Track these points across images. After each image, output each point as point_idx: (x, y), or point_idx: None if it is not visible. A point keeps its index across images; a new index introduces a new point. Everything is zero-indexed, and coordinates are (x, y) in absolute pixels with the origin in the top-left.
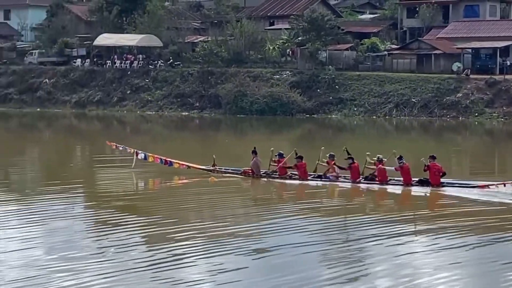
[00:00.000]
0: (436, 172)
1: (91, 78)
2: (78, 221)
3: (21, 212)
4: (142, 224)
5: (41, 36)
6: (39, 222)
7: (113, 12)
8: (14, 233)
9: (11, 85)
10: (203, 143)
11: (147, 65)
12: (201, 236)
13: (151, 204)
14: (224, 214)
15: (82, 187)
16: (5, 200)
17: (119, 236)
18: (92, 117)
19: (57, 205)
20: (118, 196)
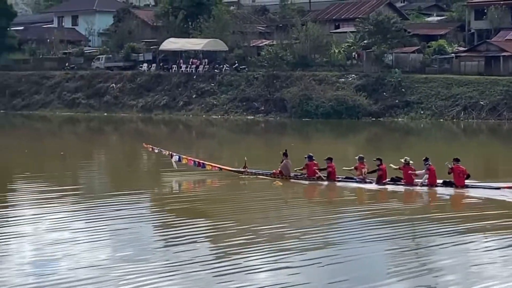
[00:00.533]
0: (460, 173)
1: (157, 82)
2: (144, 224)
3: (88, 215)
4: (207, 227)
5: (108, 41)
6: (105, 224)
7: (179, 17)
8: (81, 235)
9: (78, 90)
10: (268, 147)
11: (212, 69)
12: (267, 238)
13: (216, 207)
14: (286, 216)
15: (148, 190)
16: (73, 202)
17: (183, 239)
18: (158, 121)
19: (124, 208)
20: (184, 199)
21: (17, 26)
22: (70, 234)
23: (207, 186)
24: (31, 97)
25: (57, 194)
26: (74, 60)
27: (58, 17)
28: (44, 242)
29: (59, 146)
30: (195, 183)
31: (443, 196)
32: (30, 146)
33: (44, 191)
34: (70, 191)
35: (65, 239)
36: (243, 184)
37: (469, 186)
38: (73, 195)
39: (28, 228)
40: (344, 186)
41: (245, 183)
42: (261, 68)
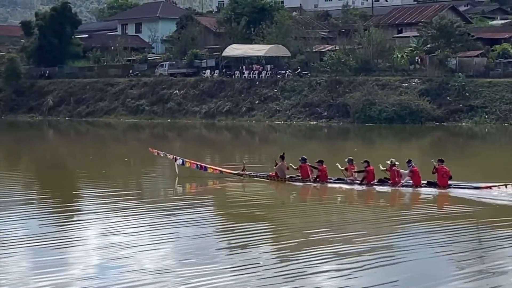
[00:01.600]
0: (444, 174)
1: (220, 88)
2: (207, 229)
3: (151, 219)
4: (265, 231)
5: (171, 48)
6: (170, 229)
7: (241, 23)
8: (144, 239)
9: (142, 97)
10: (331, 152)
11: (275, 75)
12: (331, 244)
13: (270, 212)
14: (337, 220)
15: (211, 195)
16: (137, 207)
17: (244, 243)
18: (221, 127)
19: (187, 213)
20: (249, 204)
21: (82, 34)
22: (133, 238)
23: (259, 192)
24: (96, 104)
25: (121, 199)
26: (137, 67)
27: (122, 25)
28: (107, 246)
29: (124, 152)
30: (254, 189)
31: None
32: (95, 152)
33: (108, 196)
34: (134, 196)
35: (128, 243)
36: (292, 190)
37: (452, 187)
38: (137, 200)
39: (91, 233)
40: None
41: (294, 189)
42: (323, 73)
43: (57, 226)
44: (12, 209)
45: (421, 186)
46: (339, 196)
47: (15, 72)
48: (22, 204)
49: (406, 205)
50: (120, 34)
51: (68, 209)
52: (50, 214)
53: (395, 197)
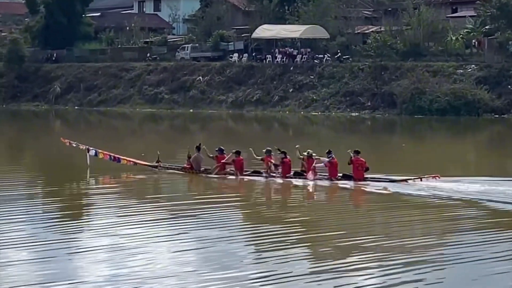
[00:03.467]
0: (359, 166)
1: (249, 75)
2: (233, 231)
3: (172, 221)
4: (295, 233)
5: (194, 28)
6: (194, 231)
7: (273, 1)
8: (166, 242)
9: (161, 84)
10: (375, 147)
11: (311, 59)
12: (372, 248)
13: (300, 213)
14: (367, 221)
15: (237, 194)
16: (156, 208)
17: (273, 246)
18: (250, 118)
19: (212, 213)
20: (280, 205)
21: (93, 12)
22: (155, 242)
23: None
24: (109, 91)
25: (137, 200)
26: (156, 50)
27: (138, 2)
28: (127, 250)
29: (140, 147)
30: (281, 190)
31: None
32: (107, 146)
33: (124, 196)
34: (152, 196)
35: (150, 247)
36: (324, 190)
37: (369, 179)
38: (155, 200)
39: (107, 240)
40: (253, 180)
41: (326, 189)
42: (367, 58)
43: (78, 233)
44: (15, 206)
45: (337, 179)
46: None
47: (18, 55)
48: (23, 202)
49: None
50: (137, 12)
51: (79, 211)
52: (58, 212)
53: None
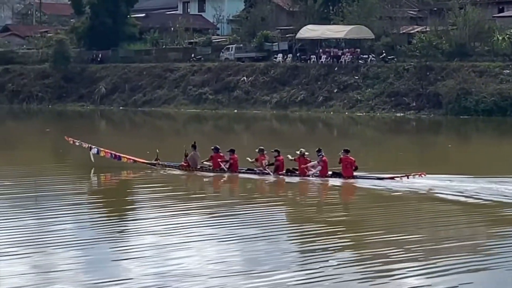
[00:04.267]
0: (348, 165)
1: (294, 75)
2: (274, 230)
3: (219, 221)
4: (345, 236)
5: (239, 29)
6: (236, 231)
7: (318, 1)
8: (212, 243)
9: (205, 84)
10: (421, 148)
11: (356, 60)
12: (422, 252)
13: (355, 215)
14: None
15: (280, 194)
16: (202, 208)
17: (322, 248)
18: (295, 119)
19: (253, 213)
20: (324, 205)
21: (138, 13)
22: (200, 242)
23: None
24: (153, 92)
25: (183, 200)
26: (200, 50)
27: (183, 3)
28: (173, 251)
29: (184, 147)
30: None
31: None
32: (152, 147)
33: (169, 196)
34: (198, 196)
35: (195, 248)
36: (378, 191)
37: (357, 177)
38: (201, 200)
39: (154, 239)
40: (248, 178)
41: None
42: (412, 58)
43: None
44: (59, 205)
45: (327, 176)
46: None
47: (64, 56)
48: (67, 201)
49: None
50: (181, 13)
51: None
52: (100, 210)
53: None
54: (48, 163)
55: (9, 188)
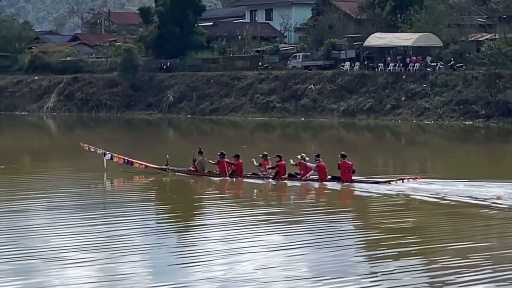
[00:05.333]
0: (346, 169)
1: (361, 83)
2: (338, 237)
3: (285, 228)
4: (411, 243)
5: (306, 37)
6: (302, 239)
7: (386, 9)
8: (274, 248)
9: (273, 92)
10: (489, 157)
11: (424, 67)
12: (488, 260)
13: (409, 222)
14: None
15: (346, 205)
16: (268, 214)
17: (386, 256)
18: (362, 127)
19: (322, 222)
20: (391, 214)
21: (206, 22)
22: (263, 248)
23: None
24: (221, 100)
25: (249, 207)
26: (268, 58)
27: (250, 11)
28: (237, 257)
29: (251, 155)
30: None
31: None
32: (216, 154)
33: (234, 203)
34: (262, 203)
35: (258, 254)
36: (437, 198)
37: (355, 181)
38: (267, 206)
39: (217, 244)
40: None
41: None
42: (481, 66)
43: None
44: (126, 213)
45: (326, 180)
46: None
47: (132, 65)
48: (136, 208)
49: None
50: (249, 21)
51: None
52: (167, 216)
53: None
54: (115, 170)
55: (77, 194)
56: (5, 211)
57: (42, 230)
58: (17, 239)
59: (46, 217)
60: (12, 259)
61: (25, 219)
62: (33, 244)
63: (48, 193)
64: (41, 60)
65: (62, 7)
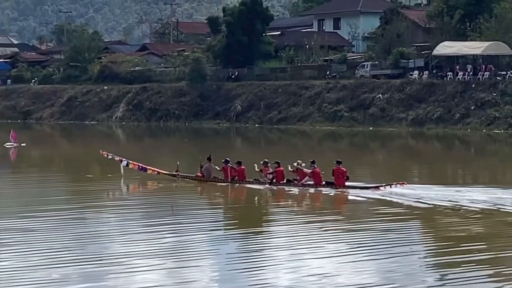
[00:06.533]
0: (340, 175)
1: (430, 92)
2: (407, 245)
3: (352, 235)
4: (481, 255)
5: (374, 46)
6: (363, 246)
7: (455, 17)
8: (342, 256)
9: (341, 101)
10: None
11: (494, 76)
12: None
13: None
14: None
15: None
16: (335, 222)
17: (456, 262)
18: (431, 136)
19: (394, 231)
20: (456, 223)
21: (274, 31)
22: (330, 255)
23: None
24: (289, 109)
25: (317, 215)
26: (335, 67)
27: (318, 20)
28: (305, 264)
29: (319, 165)
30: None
31: None
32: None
33: (304, 211)
34: (330, 211)
35: (326, 261)
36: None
37: (348, 186)
38: (333, 215)
39: (285, 252)
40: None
41: None
42: None
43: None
44: (194, 220)
45: (321, 185)
46: None
47: (200, 74)
48: (204, 215)
49: None
50: (316, 30)
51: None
52: (230, 224)
53: None
54: None
55: (145, 201)
56: (77, 218)
57: (111, 237)
58: (86, 245)
59: (114, 223)
60: (82, 264)
61: (94, 225)
62: (102, 250)
63: (118, 201)
64: (110, 70)
65: (131, 17)
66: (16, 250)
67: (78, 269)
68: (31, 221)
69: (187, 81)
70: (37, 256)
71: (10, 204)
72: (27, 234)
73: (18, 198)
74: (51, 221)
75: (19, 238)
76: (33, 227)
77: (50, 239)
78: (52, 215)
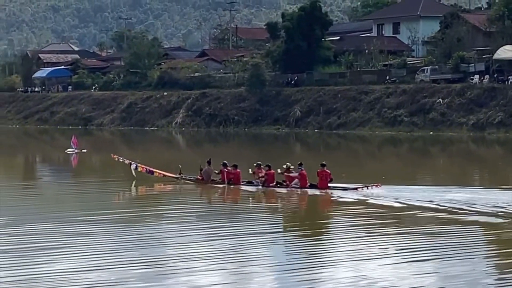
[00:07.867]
0: (323, 177)
1: (491, 96)
2: (465, 251)
3: (414, 240)
4: None
5: (434, 50)
6: (423, 250)
7: None
8: (402, 262)
9: (400, 106)
10: None
11: None
12: None
13: None
14: None
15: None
16: (398, 228)
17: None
18: (492, 141)
19: (452, 237)
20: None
21: (333, 36)
22: (392, 260)
23: None
24: (348, 114)
25: (376, 219)
26: (395, 72)
27: (377, 25)
28: (366, 269)
29: (379, 171)
30: None
31: None
32: (347, 170)
33: (363, 215)
34: (390, 215)
35: (387, 266)
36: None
37: (331, 188)
38: (393, 218)
39: (345, 256)
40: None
41: None
42: None
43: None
44: (254, 227)
45: (306, 187)
46: None
47: (259, 80)
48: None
49: None
50: (376, 35)
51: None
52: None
53: None
54: None
55: (205, 204)
56: (138, 219)
57: (172, 238)
58: (148, 247)
59: (176, 225)
60: (143, 265)
61: (155, 227)
62: (164, 251)
63: (180, 203)
64: (170, 76)
65: (190, 23)
66: (74, 252)
67: (139, 270)
68: (92, 225)
69: (246, 86)
70: (97, 259)
71: (72, 209)
72: (89, 238)
73: (81, 203)
74: (110, 224)
75: (81, 241)
76: (93, 231)
77: (110, 241)
78: (110, 219)
